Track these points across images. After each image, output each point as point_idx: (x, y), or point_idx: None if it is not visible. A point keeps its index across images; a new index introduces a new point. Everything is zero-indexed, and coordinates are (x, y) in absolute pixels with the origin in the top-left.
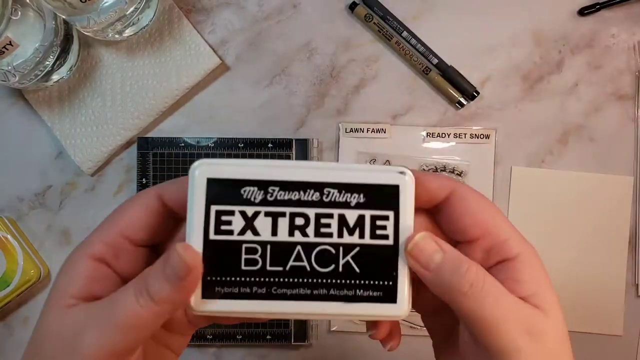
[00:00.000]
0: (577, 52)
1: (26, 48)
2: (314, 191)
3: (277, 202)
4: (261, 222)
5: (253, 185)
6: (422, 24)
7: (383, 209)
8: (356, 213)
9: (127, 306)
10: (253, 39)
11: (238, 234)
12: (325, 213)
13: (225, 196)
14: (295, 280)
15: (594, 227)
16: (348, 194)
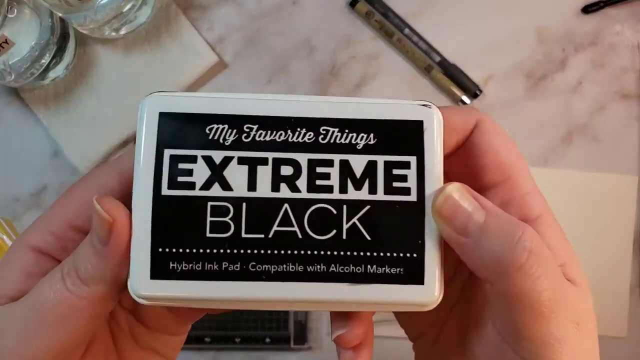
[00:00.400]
0: (581, 50)
1: (22, 46)
2: (306, 130)
3: (255, 145)
4: (234, 171)
5: (223, 121)
6: (424, 21)
7: (402, 153)
8: (365, 159)
9: (51, 294)
10: (251, 36)
11: (201, 188)
12: (323, 159)
13: (184, 137)
14: (281, 252)
15: (598, 227)
16: (354, 133)
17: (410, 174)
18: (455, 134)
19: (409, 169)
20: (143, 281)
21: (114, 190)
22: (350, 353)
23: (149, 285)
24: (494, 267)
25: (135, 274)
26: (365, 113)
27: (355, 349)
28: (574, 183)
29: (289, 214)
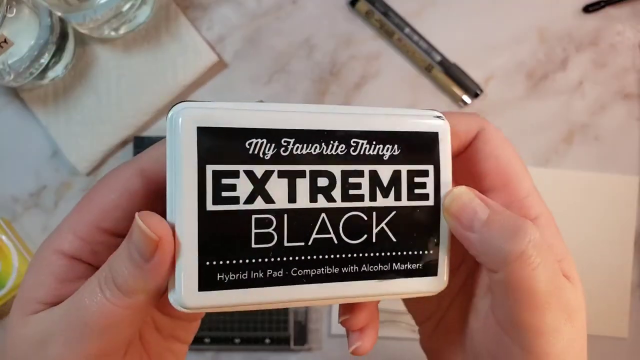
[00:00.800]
0: (581, 49)
1: (21, 46)
2: (338, 143)
3: (293, 158)
4: (275, 184)
5: (261, 136)
6: (424, 20)
7: (422, 162)
8: (391, 169)
9: (93, 303)
10: (251, 36)
11: (245, 202)
12: (354, 170)
13: (224, 152)
14: (320, 257)
15: (599, 227)
16: (380, 145)
17: (428, 181)
18: (458, 140)
19: (427, 177)
20: (191, 294)
21: (138, 192)
22: (357, 334)
23: (198, 297)
24: (496, 256)
25: (182, 288)
26: (389, 125)
27: (361, 330)
28: (575, 183)
29: (325, 222)
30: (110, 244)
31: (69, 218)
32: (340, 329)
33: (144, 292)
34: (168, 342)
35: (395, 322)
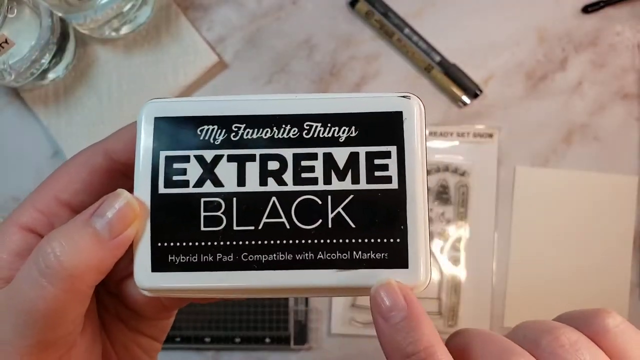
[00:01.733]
0: (581, 50)
1: (22, 46)
2: (290, 126)
3: (243, 143)
4: (224, 168)
5: (212, 122)
6: (424, 21)
7: (383, 143)
8: (347, 151)
9: (32, 288)
10: (252, 36)
11: (194, 186)
12: (307, 153)
13: (177, 139)
14: (271, 242)
15: (599, 227)
16: (336, 127)
17: (391, 163)
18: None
19: (389, 159)
20: (145, 274)
21: (100, 169)
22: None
23: (151, 277)
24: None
25: (138, 268)
26: (346, 107)
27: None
28: (574, 183)
29: (276, 206)
30: (67, 218)
31: (32, 193)
32: (340, 328)
33: (97, 271)
34: (134, 334)
35: None
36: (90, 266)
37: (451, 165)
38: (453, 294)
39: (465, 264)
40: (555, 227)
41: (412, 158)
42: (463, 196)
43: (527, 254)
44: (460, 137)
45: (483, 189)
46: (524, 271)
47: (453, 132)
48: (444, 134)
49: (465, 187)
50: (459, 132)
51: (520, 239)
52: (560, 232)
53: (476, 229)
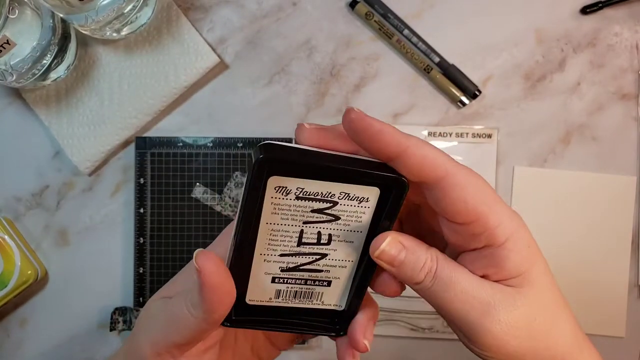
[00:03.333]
0: (579, 50)
1: (23, 47)
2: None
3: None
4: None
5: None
6: (423, 22)
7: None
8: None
9: (181, 310)
10: (252, 37)
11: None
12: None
13: None
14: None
15: (597, 227)
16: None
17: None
18: (419, 174)
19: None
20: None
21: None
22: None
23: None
24: (409, 284)
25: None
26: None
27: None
28: (573, 183)
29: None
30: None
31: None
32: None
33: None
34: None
35: (393, 321)
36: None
37: None
38: None
39: None
40: (554, 227)
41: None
42: None
43: None
44: (459, 137)
45: None
46: None
47: (452, 133)
48: (443, 134)
49: None
50: (458, 132)
51: None
52: (559, 232)
53: None
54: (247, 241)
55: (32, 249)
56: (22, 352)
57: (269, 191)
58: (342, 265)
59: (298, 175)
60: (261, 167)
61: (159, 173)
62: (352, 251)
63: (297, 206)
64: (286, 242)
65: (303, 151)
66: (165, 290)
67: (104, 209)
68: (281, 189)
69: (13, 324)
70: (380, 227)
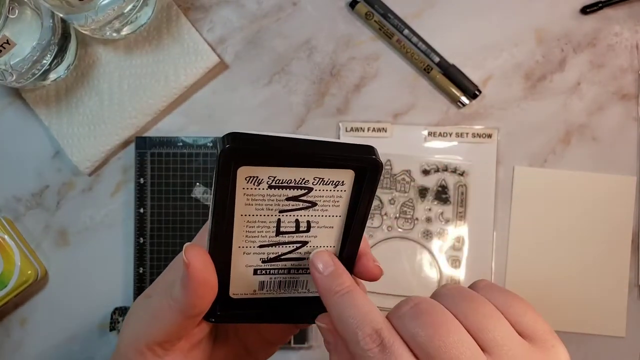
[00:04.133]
0: (579, 50)
1: (23, 47)
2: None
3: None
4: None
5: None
6: (423, 22)
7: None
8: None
9: (161, 303)
10: (252, 37)
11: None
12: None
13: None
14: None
15: (597, 227)
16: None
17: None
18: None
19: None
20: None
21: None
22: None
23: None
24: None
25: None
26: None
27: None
28: (573, 183)
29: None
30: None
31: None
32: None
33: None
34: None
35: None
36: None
37: (450, 165)
38: None
39: (464, 264)
40: (554, 227)
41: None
42: (462, 196)
43: (525, 253)
44: (459, 137)
45: (482, 189)
46: (522, 270)
47: (452, 133)
48: (443, 134)
49: (464, 187)
50: (458, 132)
51: (519, 238)
52: (559, 232)
53: (475, 228)
54: (223, 235)
55: (32, 249)
56: (22, 352)
57: (239, 182)
58: None
59: (268, 163)
60: (227, 158)
61: (159, 173)
62: (332, 236)
63: (271, 195)
64: (264, 232)
65: (270, 138)
66: (149, 290)
67: (104, 209)
68: (252, 179)
69: (13, 324)
70: (358, 211)
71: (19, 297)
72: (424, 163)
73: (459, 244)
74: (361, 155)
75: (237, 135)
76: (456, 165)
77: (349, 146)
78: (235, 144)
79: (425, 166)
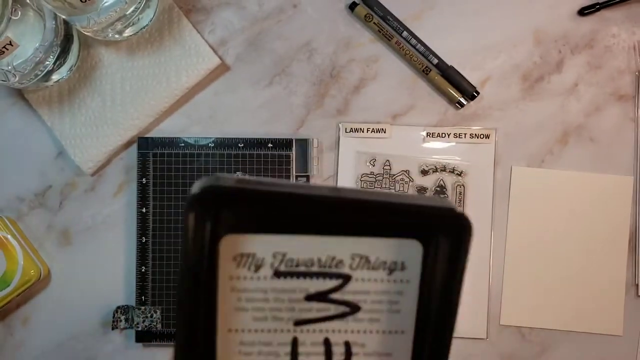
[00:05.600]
0: (577, 52)
1: (26, 48)
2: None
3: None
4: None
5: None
6: (422, 23)
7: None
8: None
9: None
10: (253, 39)
11: None
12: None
13: None
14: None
15: (594, 227)
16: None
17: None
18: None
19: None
20: None
21: None
22: None
23: None
24: None
25: None
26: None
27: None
28: (570, 183)
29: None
30: None
31: None
32: None
33: None
34: None
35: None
36: None
37: (448, 165)
38: None
39: None
40: (551, 226)
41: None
42: (460, 196)
43: (523, 253)
44: (457, 138)
45: (480, 189)
46: (520, 270)
47: (450, 133)
48: (441, 135)
49: (462, 187)
50: (456, 133)
51: (517, 238)
52: (556, 232)
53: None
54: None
55: (35, 249)
56: (24, 351)
57: (224, 268)
58: None
59: (273, 227)
60: (202, 214)
61: (161, 173)
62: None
63: (279, 291)
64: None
65: (270, 184)
66: None
67: (106, 209)
68: (246, 260)
69: (16, 323)
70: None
71: (21, 296)
72: (423, 163)
73: None
74: (435, 208)
75: (218, 180)
76: (454, 165)
77: (404, 198)
78: (217, 189)
79: (423, 166)
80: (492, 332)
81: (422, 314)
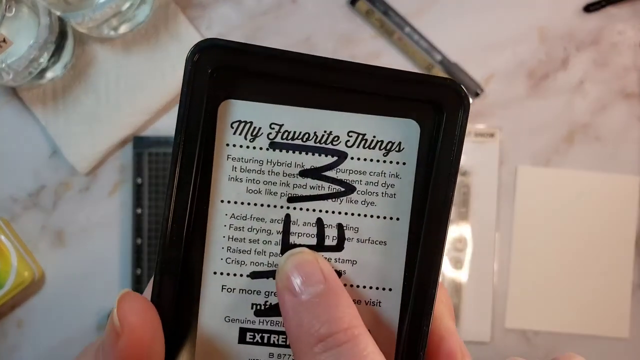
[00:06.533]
0: (582, 49)
1: (20, 45)
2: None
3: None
4: None
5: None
6: (425, 19)
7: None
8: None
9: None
10: (251, 35)
11: None
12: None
13: None
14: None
15: (600, 227)
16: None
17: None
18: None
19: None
20: None
21: None
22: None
23: None
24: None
25: None
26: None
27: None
28: (576, 183)
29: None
30: None
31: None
32: None
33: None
34: None
35: None
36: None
37: None
38: (454, 294)
39: (466, 264)
40: (557, 227)
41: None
42: (464, 196)
43: (528, 254)
44: None
45: (484, 189)
46: (525, 271)
47: None
48: None
49: (466, 187)
50: None
51: (522, 239)
52: (562, 233)
53: (477, 229)
54: (187, 248)
55: (29, 250)
56: (19, 354)
57: (221, 133)
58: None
59: (271, 95)
60: (200, 70)
61: (157, 173)
62: (385, 261)
63: (275, 163)
64: (261, 243)
65: (274, 50)
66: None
67: (101, 209)
68: (243, 127)
69: (10, 326)
70: (431, 205)
71: (15, 299)
72: None
73: (461, 245)
74: (433, 84)
75: (217, 41)
76: None
77: (405, 74)
78: (217, 42)
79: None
80: (496, 336)
81: (418, 197)
